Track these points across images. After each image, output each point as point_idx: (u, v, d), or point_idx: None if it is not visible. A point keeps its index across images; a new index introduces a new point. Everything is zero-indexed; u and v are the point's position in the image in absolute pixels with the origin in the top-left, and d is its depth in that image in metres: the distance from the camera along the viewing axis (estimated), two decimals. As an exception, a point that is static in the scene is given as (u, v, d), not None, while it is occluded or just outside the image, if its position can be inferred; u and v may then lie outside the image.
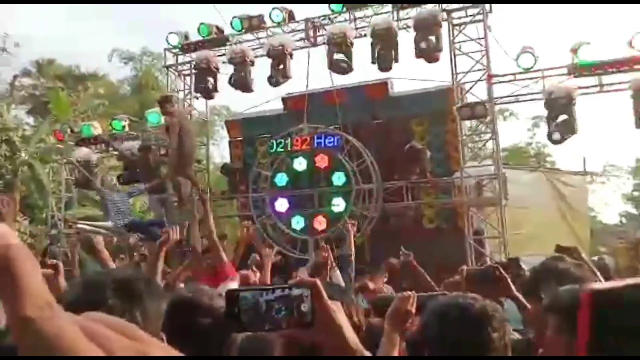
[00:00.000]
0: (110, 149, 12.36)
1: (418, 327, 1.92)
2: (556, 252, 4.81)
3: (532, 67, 9.37)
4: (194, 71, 11.55)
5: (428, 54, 9.49)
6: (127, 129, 12.06)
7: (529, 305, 2.86)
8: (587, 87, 9.37)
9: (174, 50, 11.98)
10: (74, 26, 58.36)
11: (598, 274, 3.52)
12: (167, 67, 12.40)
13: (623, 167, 32.33)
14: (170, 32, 11.74)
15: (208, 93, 11.27)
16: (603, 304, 1.01)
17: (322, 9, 10.65)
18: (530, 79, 9.54)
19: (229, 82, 10.67)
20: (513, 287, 2.98)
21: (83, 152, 12.16)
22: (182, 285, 4.46)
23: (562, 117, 8.96)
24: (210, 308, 1.91)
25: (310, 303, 1.06)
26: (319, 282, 1.04)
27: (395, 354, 1.94)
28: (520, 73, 9.52)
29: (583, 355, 1.01)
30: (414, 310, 1.98)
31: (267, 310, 1.10)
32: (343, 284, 4.29)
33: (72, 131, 12.80)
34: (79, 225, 13.66)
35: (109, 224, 14.12)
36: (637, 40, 8.71)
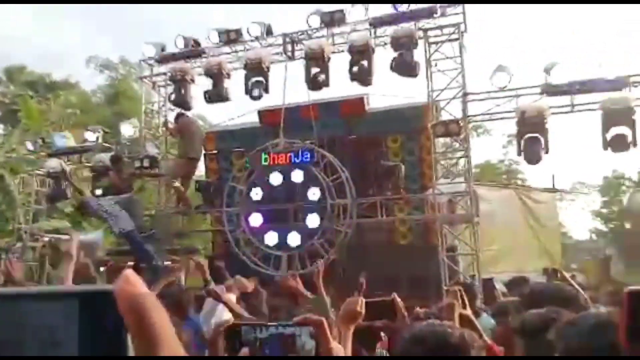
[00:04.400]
0: (84, 159, 12.16)
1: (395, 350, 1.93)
2: (543, 274, 4.89)
3: (506, 86, 9.52)
4: (169, 83, 11.47)
5: (404, 70, 9.59)
6: (100, 140, 11.87)
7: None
8: (559, 107, 9.54)
9: (149, 61, 11.89)
10: (46, 33, 57.65)
11: (582, 292, 3.59)
12: (142, 78, 12.29)
13: (592, 184, 33.08)
14: (146, 43, 11.65)
15: (183, 105, 11.19)
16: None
17: (300, 24, 10.72)
18: (504, 97, 9.69)
19: (205, 97, 10.65)
20: (462, 309, 3.03)
21: (55, 162, 11.94)
22: None
23: (533, 136, 9.11)
24: None
25: (313, 341, 1.06)
26: (325, 322, 1.04)
27: (349, 348, 2.16)
28: (495, 91, 9.66)
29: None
30: (363, 311, 2.31)
31: (260, 347, 1.09)
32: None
33: (43, 141, 12.57)
34: (45, 239, 13.41)
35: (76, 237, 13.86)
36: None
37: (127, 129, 11.97)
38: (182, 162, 11.10)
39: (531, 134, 9.01)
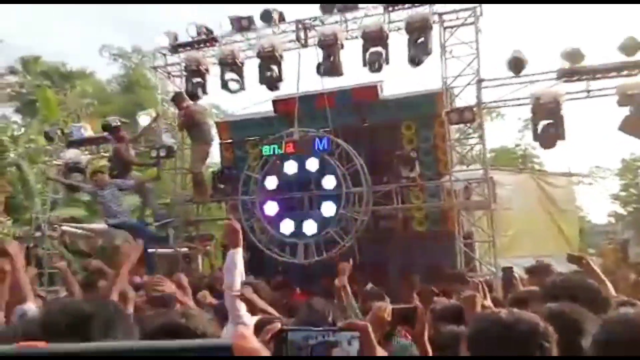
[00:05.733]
0: (101, 150, 12.26)
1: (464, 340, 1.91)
2: (568, 262, 4.85)
3: (521, 72, 9.43)
4: (183, 72, 11.50)
5: (419, 56, 9.53)
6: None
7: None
8: (575, 92, 9.45)
9: (162, 51, 11.91)
10: (60, 23, 57.95)
11: (609, 284, 3.56)
12: (156, 68, 12.34)
13: (609, 168, 32.73)
14: (159, 33, 11.68)
15: (198, 95, 11.23)
16: None
17: (313, 10, 10.64)
18: (520, 83, 9.60)
19: (222, 86, 10.66)
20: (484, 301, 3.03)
21: (72, 153, 12.07)
22: None
23: (549, 122, 9.04)
24: (204, 335, 1.88)
25: (358, 345, 1.10)
26: (369, 326, 1.07)
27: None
28: (510, 77, 9.58)
29: None
30: (389, 318, 2.36)
31: (311, 353, 1.12)
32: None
33: (62, 132, 12.68)
34: (64, 227, 13.60)
35: (94, 225, 14.14)
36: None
37: (145, 120, 12.06)
38: (199, 150, 11.24)
39: (547, 120, 8.93)
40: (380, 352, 1.10)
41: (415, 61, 9.59)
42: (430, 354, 2.40)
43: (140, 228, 10.52)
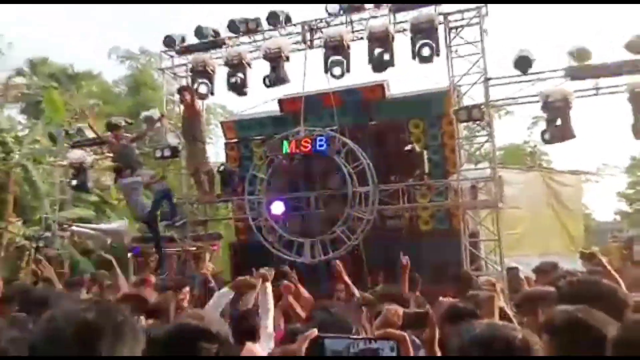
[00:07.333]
0: (105, 150, 12.26)
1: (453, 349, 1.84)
2: (580, 258, 4.83)
3: (528, 70, 9.40)
4: (190, 74, 11.50)
5: (424, 56, 9.50)
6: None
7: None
8: (584, 90, 9.41)
9: (170, 53, 11.92)
10: (68, 26, 58.12)
11: (620, 280, 3.53)
12: (163, 69, 12.34)
13: (618, 166, 32.59)
14: (167, 35, 11.68)
15: (205, 96, 11.24)
16: None
17: (319, 12, 10.63)
18: (527, 81, 9.57)
19: (227, 87, 10.65)
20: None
21: (77, 154, 12.08)
22: None
23: (559, 121, 9.01)
24: (218, 335, 1.91)
25: (398, 353, 1.11)
26: (407, 337, 1.07)
27: None
28: (517, 76, 9.55)
29: None
30: (400, 322, 2.28)
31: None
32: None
33: (67, 133, 12.70)
34: (73, 228, 13.67)
35: (103, 225, 14.19)
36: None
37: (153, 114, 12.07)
38: (203, 149, 11.25)
39: (556, 118, 8.90)
40: None
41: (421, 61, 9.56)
42: None
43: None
